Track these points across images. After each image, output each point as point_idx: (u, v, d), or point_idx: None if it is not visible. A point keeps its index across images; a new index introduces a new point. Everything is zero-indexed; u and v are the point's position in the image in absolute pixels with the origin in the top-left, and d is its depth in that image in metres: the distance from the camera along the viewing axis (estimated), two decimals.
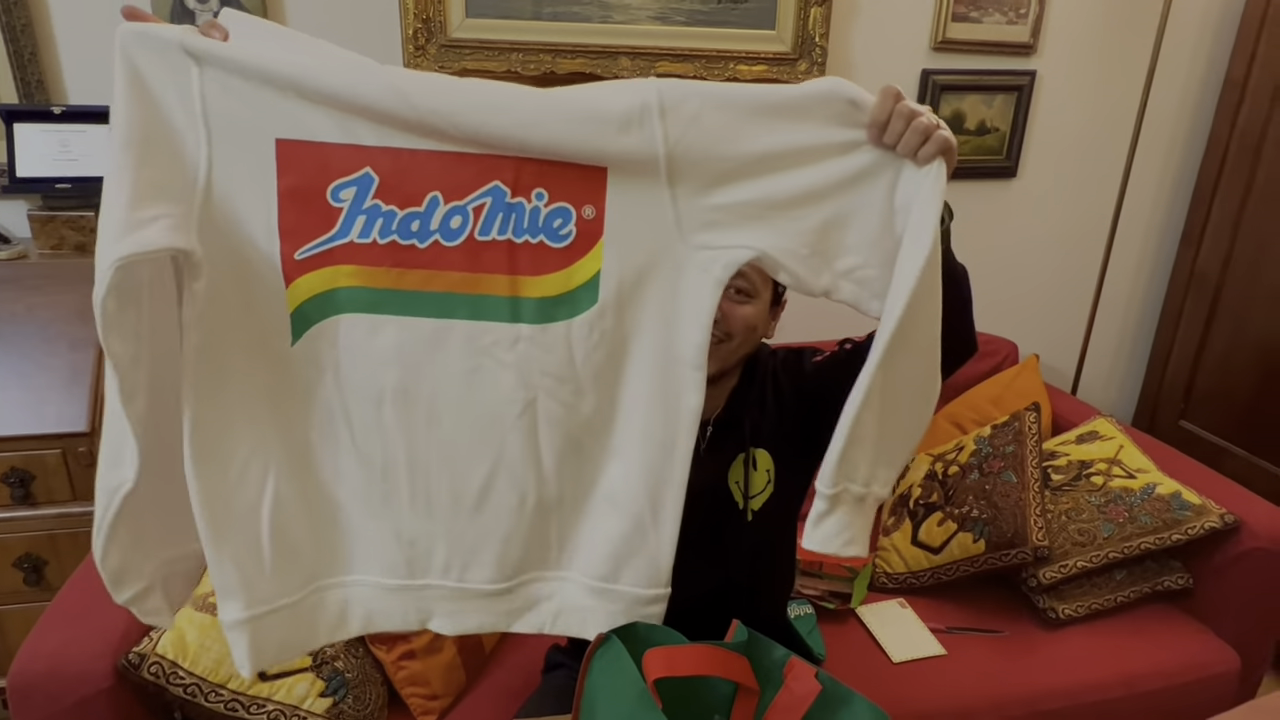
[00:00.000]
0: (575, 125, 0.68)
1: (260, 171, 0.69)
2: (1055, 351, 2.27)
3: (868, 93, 0.71)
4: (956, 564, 1.55)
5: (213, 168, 0.67)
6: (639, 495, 0.79)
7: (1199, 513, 1.50)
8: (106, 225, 0.62)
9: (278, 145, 0.69)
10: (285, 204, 0.70)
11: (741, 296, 1.01)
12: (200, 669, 1.08)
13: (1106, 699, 1.40)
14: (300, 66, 0.68)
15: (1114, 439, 1.70)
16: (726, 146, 0.70)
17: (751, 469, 1.11)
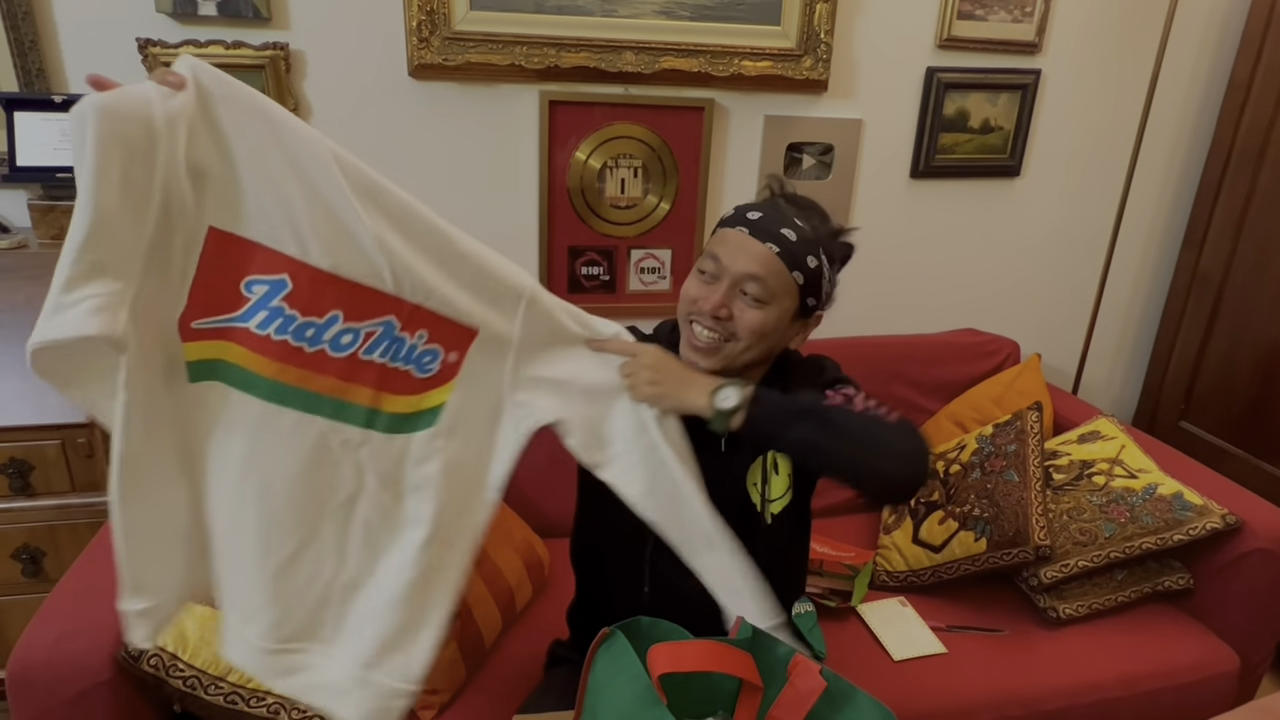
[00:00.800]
0: (471, 292, 0.89)
1: (189, 249, 0.78)
2: (1057, 351, 2.27)
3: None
4: (958, 563, 1.55)
5: (153, 245, 0.75)
6: (412, 599, 0.90)
7: (1200, 513, 1.49)
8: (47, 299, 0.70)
9: (209, 232, 0.78)
10: (201, 280, 0.79)
11: (753, 301, 0.99)
12: (200, 661, 1.08)
13: (1106, 699, 1.40)
14: (260, 163, 0.77)
15: (1116, 439, 1.70)
16: (555, 345, 0.93)
17: (773, 473, 1.09)
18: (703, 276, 1.01)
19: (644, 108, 1.80)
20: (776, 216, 0.99)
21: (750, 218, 0.99)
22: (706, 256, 1.01)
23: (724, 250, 0.99)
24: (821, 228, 1.02)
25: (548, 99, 1.74)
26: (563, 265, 1.89)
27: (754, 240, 0.98)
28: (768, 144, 1.89)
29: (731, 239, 0.99)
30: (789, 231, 0.98)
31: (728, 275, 0.98)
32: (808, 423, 0.92)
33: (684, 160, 1.86)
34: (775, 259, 0.97)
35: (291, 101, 1.64)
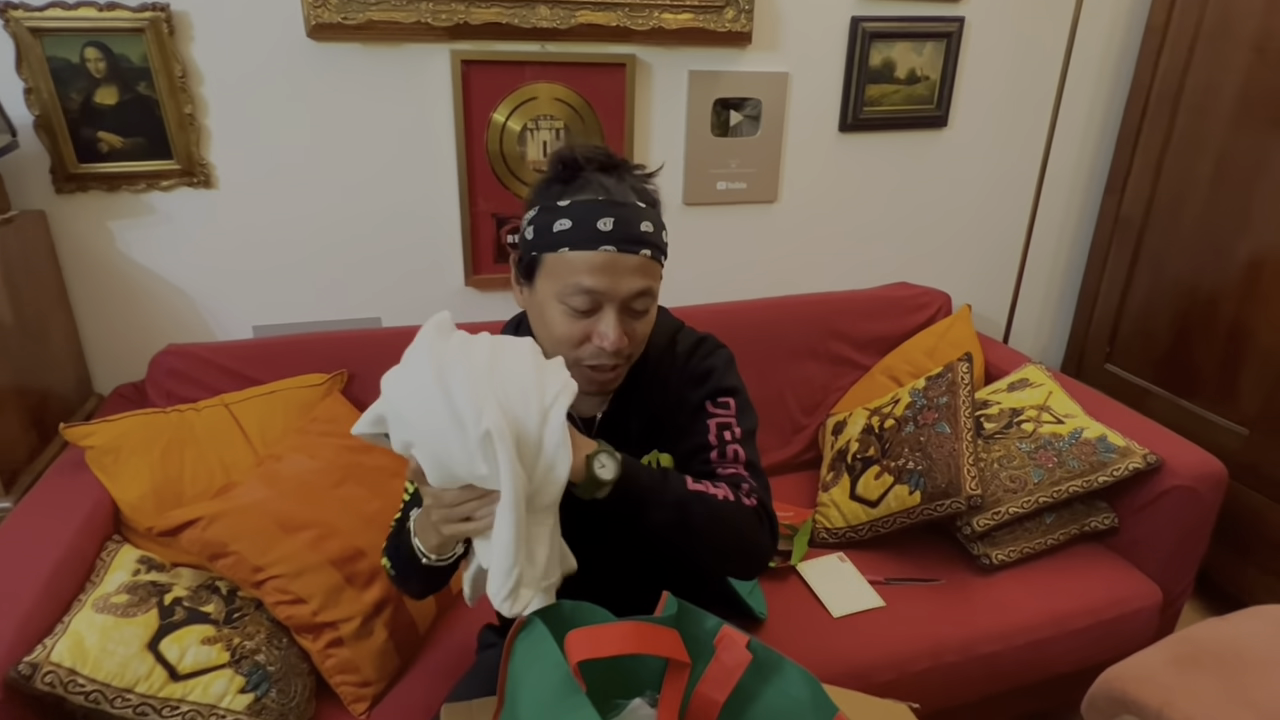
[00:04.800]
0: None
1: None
2: (988, 301, 2.29)
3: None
4: (894, 516, 1.56)
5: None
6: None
7: (1123, 454, 1.53)
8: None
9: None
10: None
11: (641, 311, 0.91)
12: (103, 674, 1.01)
13: (1038, 639, 1.44)
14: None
15: (1043, 385, 1.73)
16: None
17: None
18: (574, 313, 0.88)
19: (563, 65, 1.72)
20: (625, 210, 0.87)
21: (607, 230, 0.86)
22: (574, 292, 0.87)
23: (598, 280, 0.86)
24: (643, 185, 0.92)
25: (459, 58, 1.65)
26: (488, 235, 1.81)
27: (626, 256, 0.86)
28: (693, 100, 1.84)
29: (600, 264, 0.86)
30: (646, 223, 0.88)
31: (611, 303, 0.88)
32: (668, 512, 0.88)
33: (608, 120, 1.80)
34: (651, 262, 0.89)
35: (179, 68, 1.52)
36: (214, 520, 1.20)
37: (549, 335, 0.91)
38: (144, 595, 1.13)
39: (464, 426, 0.73)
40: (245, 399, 1.51)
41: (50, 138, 1.50)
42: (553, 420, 0.77)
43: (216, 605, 1.18)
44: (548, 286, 0.89)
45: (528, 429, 0.76)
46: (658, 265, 0.91)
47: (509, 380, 0.77)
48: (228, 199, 1.65)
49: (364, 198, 1.72)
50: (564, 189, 0.89)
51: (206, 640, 1.12)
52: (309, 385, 1.56)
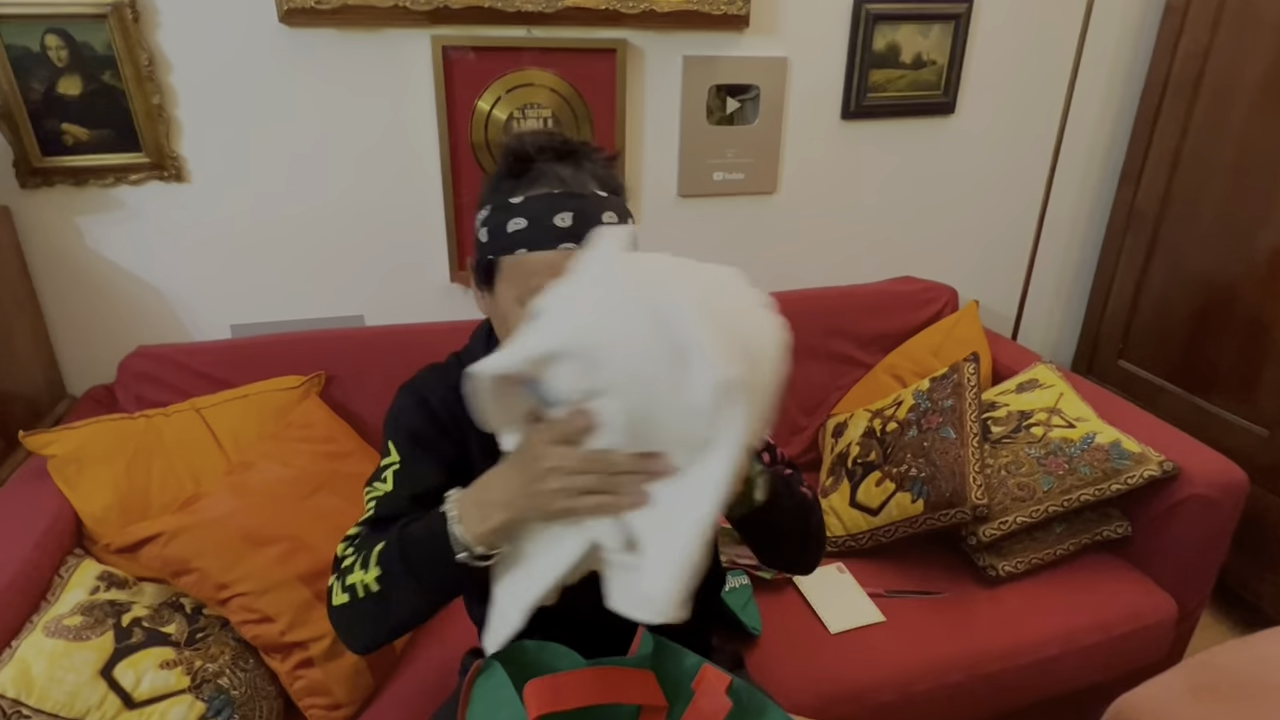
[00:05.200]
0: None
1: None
2: (996, 296, 2.21)
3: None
4: (895, 525, 1.49)
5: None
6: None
7: (1138, 461, 1.45)
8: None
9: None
10: None
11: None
12: (50, 705, 0.96)
13: (1046, 656, 1.37)
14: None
15: (1054, 386, 1.65)
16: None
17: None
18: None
19: (550, 51, 1.64)
20: (585, 202, 0.79)
21: (566, 225, 0.78)
22: (537, 296, 0.74)
23: (543, 281, 0.75)
24: (605, 171, 0.84)
25: (441, 44, 1.57)
26: (473, 229, 1.74)
27: (557, 254, 0.78)
28: (688, 87, 1.76)
29: (562, 264, 0.75)
30: (609, 214, 0.80)
31: None
32: (792, 519, 0.89)
33: (598, 108, 1.72)
34: None
35: (145, 56, 1.44)
36: (175, 536, 1.14)
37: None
38: (100, 616, 1.07)
39: (691, 371, 0.53)
40: (217, 403, 1.45)
41: (11, 129, 1.43)
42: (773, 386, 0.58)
43: (179, 625, 1.12)
44: (508, 292, 0.81)
45: (758, 390, 0.55)
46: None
47: (733, 324, 0.56)
48: (200, 193, 1.58)
49: (343, 191, 1.65)
50: (516, 184, 0.81)
51: (165, 664, 1.06)
52: (285, 388, 1.50)
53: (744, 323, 0.56)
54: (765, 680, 1.21)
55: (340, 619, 0.81)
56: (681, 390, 0.53)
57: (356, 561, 0.80)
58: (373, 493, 0.87)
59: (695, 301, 0.53)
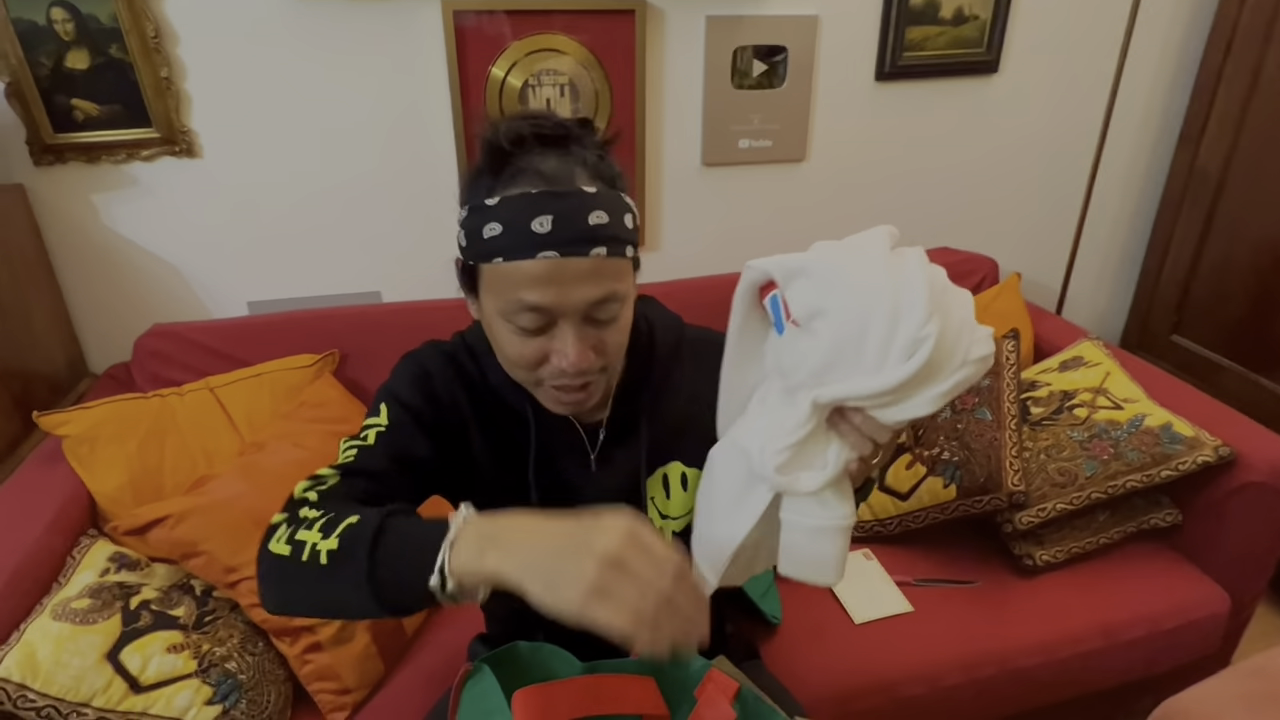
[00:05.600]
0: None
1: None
2: (1039, 267, 2.10)
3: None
4: (926, 511, 1.42)
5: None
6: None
7: (1191, 446, 1.36)
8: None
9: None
10: None
11: (608, 320, 0.74)
12: (56, 688, 0.95)
13: (1085, 650, 1.30)
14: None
15: (1100, 365, 1.55)
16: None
17: (679, 489, 0.89)
18: (524, 332, 0.73)
19: (565, 13, 1.57)
20: (567, 202, 0.69)
21: (544, 231, 0.68)
22: (517, 310, 0.71)
23: (542, 294, 0.70)
24: (598, 159, 0.73)
25: (452, 9, 1.50)
26: None
27: (574, 261, 0.69)
28: (712, 49, 1.67)
29: (541, 275, 0.69)
30: (597, 213, 0.70)
31: (566, 317, 0.72)
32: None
33: (616, 73, 1.64)
34: (610, 261, 0.71)
35: (151, 27, 1.41)
36: (183, 518, 1.13)
37: (501, 356, 0.78)
38: (108, 599, 1.06)
39: (899, 325, 0.58)
40: (231, 382, 1.43)
41: (22, 105, 1.42)
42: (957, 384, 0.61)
43: (187, 608, 1.12)
44: (490, 302, 0.74)
45: (940, 377, 0.60)
46: (622, 261, 0.73)
47: (950, 315, 0.61)
48: (213, 169, 1.55)
49: (355, 164, 1.61)
50: (494, 181, 0.71)
51: (173, 648, 1.05)
52: (298, 367, 1.48)
53: (958, 317, 0.60)
54: (783, 672, 1.16)
55: (270, 569, 0.70)
56: (885, 339, 0.58)
57: (320, 520, 0.68)
58: (351, 444, 0.79)
59: (931, 284, 0.59)
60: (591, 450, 0.87)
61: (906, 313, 0.58)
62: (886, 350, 0.58)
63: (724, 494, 0.72)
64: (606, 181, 0.72)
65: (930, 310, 0.58)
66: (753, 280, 0.68)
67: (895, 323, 0.58)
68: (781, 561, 0.70)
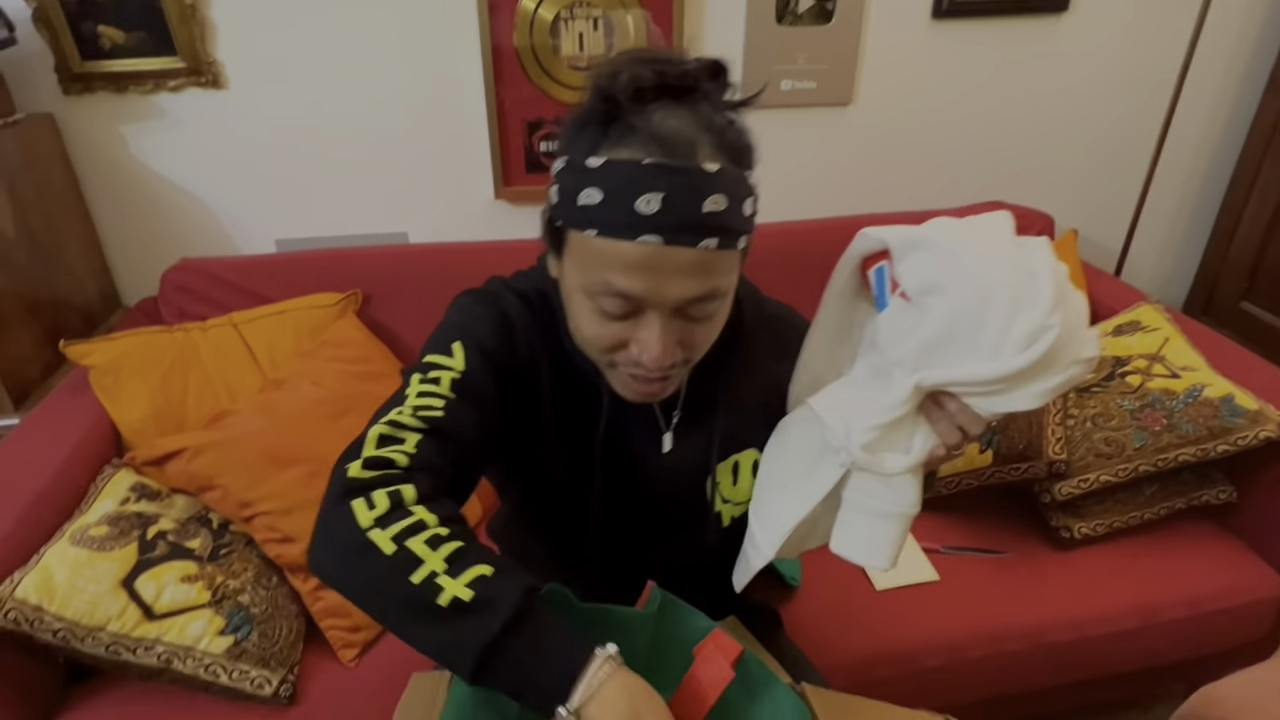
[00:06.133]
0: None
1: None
2: (1100, 225, 1.97)
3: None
4: (960, 477, 1.36)
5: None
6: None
7: (1254, 420, 1.26)
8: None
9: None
10: None
11: (704, 316, 0.66)
12: (71, 612, 0.97)
13: (1120, 630, 1.23)
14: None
15: (1159, 330, 1.45)
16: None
17: (748, 474, 0.83)
18: (604, 315, 0.65)
19: None
20: (684, 180, 0.58)
21: (650, 212, 0.58)
22: (603, 292, 0.63)
23: (634, 282, 0.61)
24: (729, 124, 0.62)
25: None
26: (518, 143, 1.63)
27: (678, 251, 0.60)
28: None
29: (639, 261, 0.60)
30: (715, 198, 0.59)
31: (657, 309, 0.63)
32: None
33: (654, 6, 1.55)
34: (718, 254, 0.62)
35: None
36: (200, 451, 1.13)
37: (575, 329, 0.70)
38: (125, 528, 1.07)
39: (1021, 311, 0.56)
40: (254, 319, 1.43)
41: (50, 32, 1.40)
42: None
43: (203, 540, 1.13)
44: (573, 273, 0.65)
45: (1056, 361, 0.57)
46: (732, 254, 0.63)
47: (1069, 310, 0.59)
48: (239, 101, 1.53)
49: (384, 101, 1.57)
50: (601, 136, 0.61)
51: (187, 578, 1.06)
52: (321, 305, 1.47)
53: (1076, 313, 0.58)
54: (801, 637, 1.13)
55: (354, 549, 0.57)
56: (1003, 324, 0.57)
57: (442, 537, 0.58)
58: (424, 386, 0.66)
59: (1057, 276, 0.57)
60: (665, 428, 0.79)
61: (1031, 301, 0.56)
62: (1004, 337, 0.56)
63: (793, 466, 0.71)
64: (733, 156, 0.62)
65: (1056, 302, 0.56)
66: (864, 249, 0.64)
67: (1017, 309, 0.56)
68: (836, 539, 0.68)
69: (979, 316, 0.56)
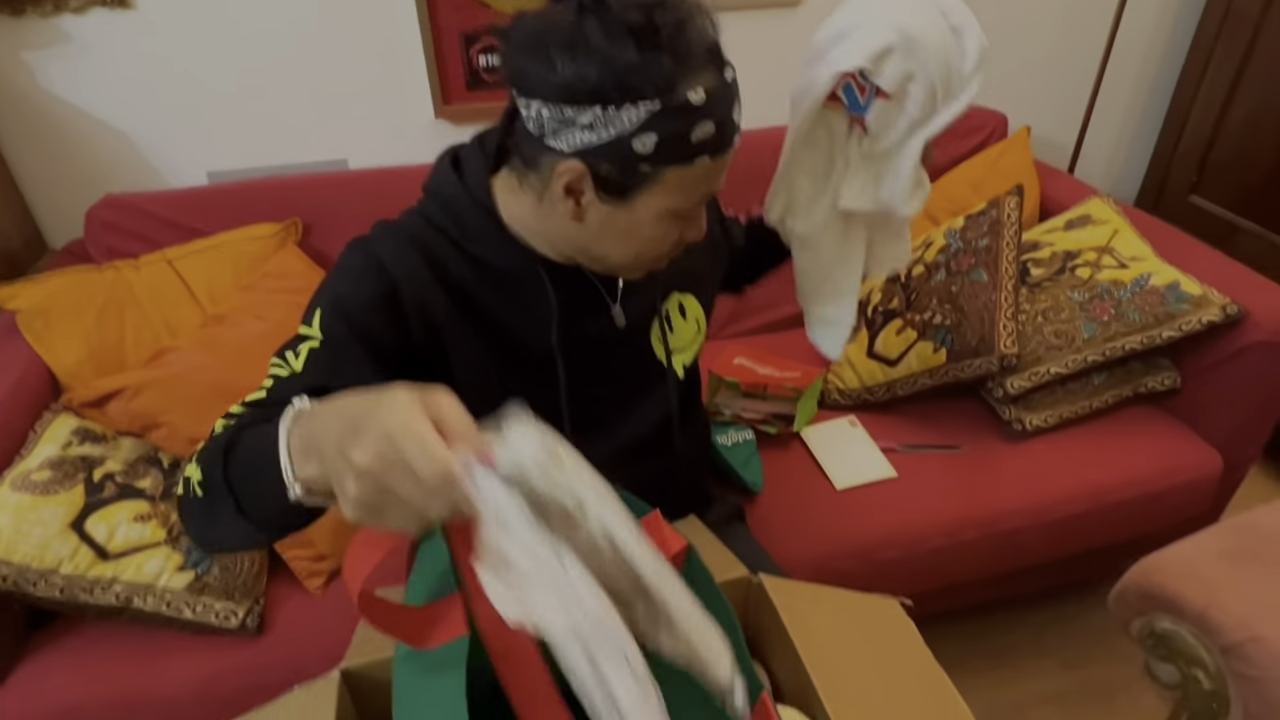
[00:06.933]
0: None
1: None
2: (1052, 121, 1.95)
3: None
4: (914, 377, 1.38)
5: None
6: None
7: (1198, 304, 1.29)
8: None
9: None
10: None
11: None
12: (19, 557, 0.95)
13: (1070, 514, 1.28)
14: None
15: (1108, 223, 1.46)
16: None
17: (679, 319, 0.90)
18: (676, 220, 0.71)
19: None
20: (734, 86, 0.66)
21: (738, 118, 0.67)
22: (702, 200, 0.70)
23: (721, 180, 0.70)
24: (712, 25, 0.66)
25: None
26: (456, 58, 1.56)
27: (731, 152, 0.69)
28: None
29: (725, 164, 0.69)
30: (738, 100, 0.67)
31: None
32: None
33: None
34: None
35: None
36: (141, 390, 1.10)
37: (630, 251, 0.72)
38: (69, 471, 1.04)
39: (964, 43, 0.77)
40: (189, 254, 1.37)
41: None
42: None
43: (154, 479, 1.10)
44: (663, 202, 0.68)
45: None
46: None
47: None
48: (149, 21, 1.42)
49: (304, 19, 1.47)
50: (680, 68, 0.61)
51: (140, 517, 1.04)
52: (260, 237, 1.41)
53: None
54: (763, 534, 1.15)
55: (178, 509, 0.64)
56: (959, 60, 0.77)
57: (202, 454, 0.61)
58: (277, 367, 0.67)
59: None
60: (613, 302, 0.82)
61: (966, 31, 0.76)
62: (963, 70, 0.76)
63: (834, 254, 0.95)
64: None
65: (975, 22, 0.78)
66: (832, 77, 0.78)
67: (964, 46, 0.76)
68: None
69: (946, 72, 0.74)
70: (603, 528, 0.44)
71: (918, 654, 0.74)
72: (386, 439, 0.41)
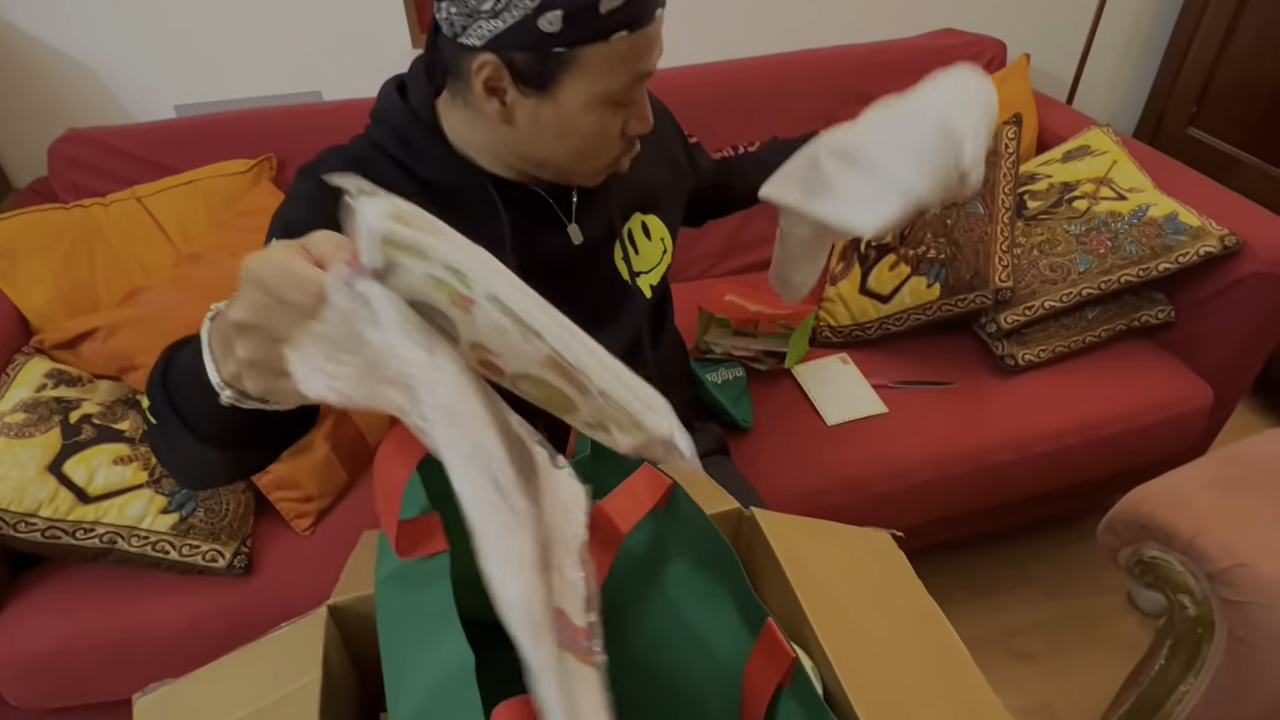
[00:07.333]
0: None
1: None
2: (1052, 51, 1.90)
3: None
4: (907, 313, 1.36)
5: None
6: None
7: (1195, 235, 1.27)
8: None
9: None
10: None
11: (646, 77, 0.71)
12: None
13: (1060, 447, 1.28)
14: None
15: (1107, 153, 1.43)
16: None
17: (643, 239, 0.88)
18: (615, 109, 0.70)
19: None
20: None
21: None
22: (633, 83, 0.68)
23: (653, 58, 0.69)
24: None
25: None
26: None
27: (659, 13, 0.67)
28: None
29: (654, 36, 0.67)
30: None
31: (646, 78, 0.70)
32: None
33: None
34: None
35: None
36: (114, 331, 1.07)
37: (570, 149, 0.71)
38: (44, 414, 1.02)
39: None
40: (160, 190, 1.32)
41: None
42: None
43: (134, 421, 1.08)
44: (588, 88, 0.66)
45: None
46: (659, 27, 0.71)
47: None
48: None
49: None
50: None
51: (120, 460, 1.02)
52: (233, 173, 1.36)
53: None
54: (752, 471, 1.15)
55: (149, 444, 0.61)
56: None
57: (150, 382, 0.56)
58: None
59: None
60: (569, 220, 0.81)
61: (971, 172, 0.78)
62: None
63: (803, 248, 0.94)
64: None
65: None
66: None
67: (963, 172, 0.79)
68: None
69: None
70: (492, 297, 0.39)
71: (909, 585, 0.73)
72: (258, 284, 0.37)
